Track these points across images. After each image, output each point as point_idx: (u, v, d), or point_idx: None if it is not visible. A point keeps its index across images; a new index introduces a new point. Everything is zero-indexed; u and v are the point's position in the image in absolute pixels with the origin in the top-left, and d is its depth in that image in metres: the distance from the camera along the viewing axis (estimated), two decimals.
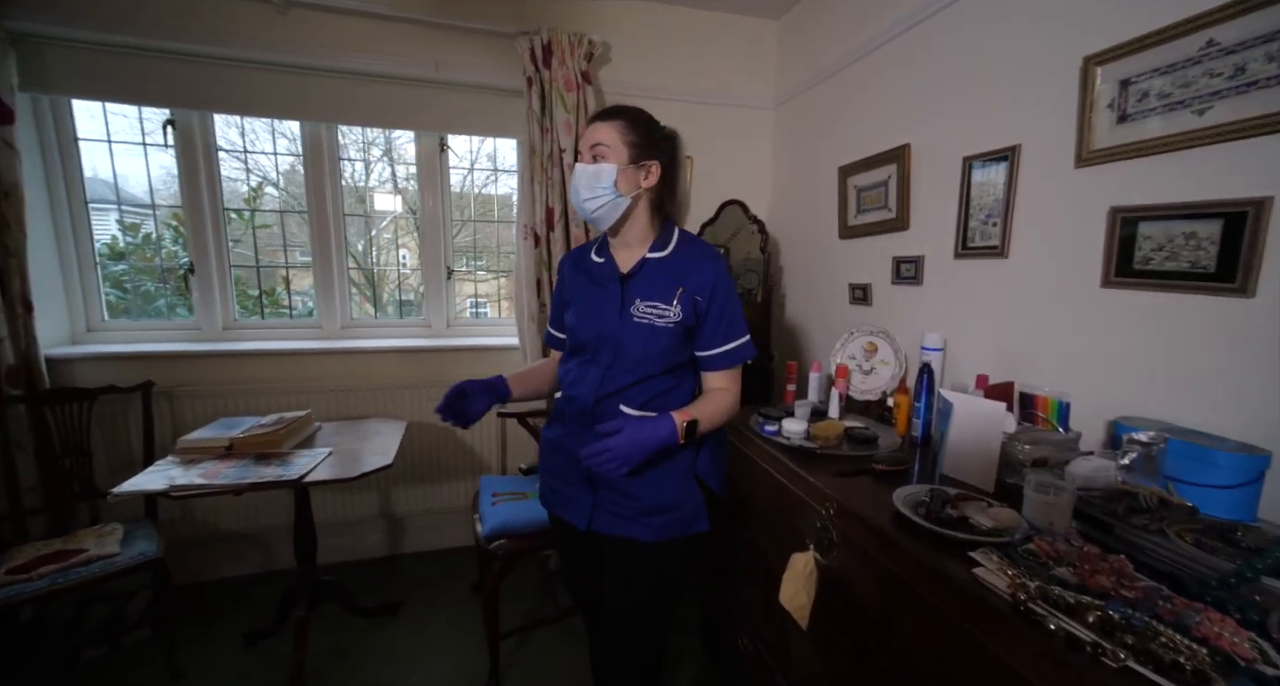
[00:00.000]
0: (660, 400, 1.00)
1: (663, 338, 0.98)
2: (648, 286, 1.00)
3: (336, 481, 1.36)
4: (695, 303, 0.98)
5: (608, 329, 1.00)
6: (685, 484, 1.03)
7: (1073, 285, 1.14)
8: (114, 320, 2.06)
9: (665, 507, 1.00)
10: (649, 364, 0.99)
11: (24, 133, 1.78)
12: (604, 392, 1.00)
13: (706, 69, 2.29)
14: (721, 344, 1.00)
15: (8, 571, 1.37)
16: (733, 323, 1.00)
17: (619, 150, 0.97)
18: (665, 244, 1.03)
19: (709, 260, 1.00)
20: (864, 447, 1.24)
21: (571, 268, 1.12)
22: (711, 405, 1.00)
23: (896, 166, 1.63)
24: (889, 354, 1.57)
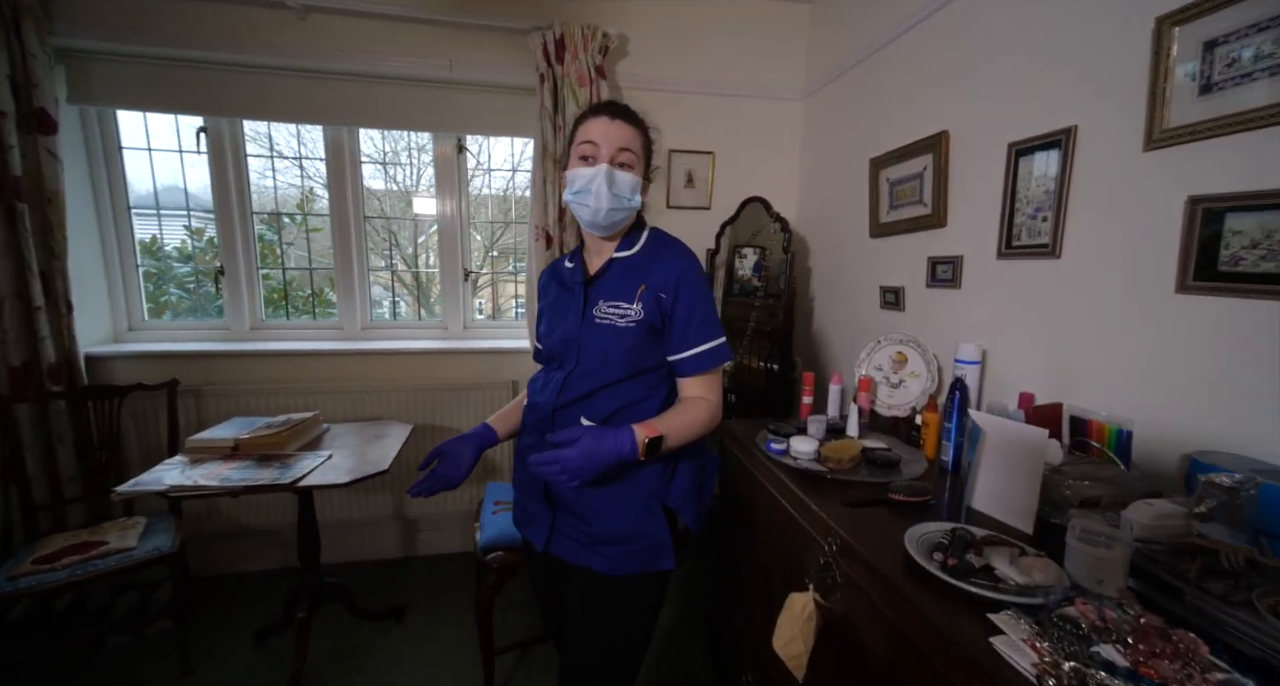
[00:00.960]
0: (628, 412, 0.91)
1: (624, 337, 0.90)
2: (611, 287, 0.93)
3: (329, 487, 1.34)
4: (659, 300, 0.91)
5: (571, 333, 0.94)
6: (648, 513, 0.93)
7: (1139, 290, 0.96)
8: (153, 320, 2.17)
9: (621, 538, 0.91)
10: (611, 367, 0.91)
11: (72, 142, 1.90)
12: (563, 401, 0.92)
13: (731, 60, 2.17)
14: (693, 345, 0.91)
15: (34, 561, 1.44)
16: (704, 322, 0.92)
17: (640, 161, 0.94)
18: (633, 242, 0.96)
19: (676, 257, 0.93)
20: (883, 473, 1.10)
21: (549, 277, 1.07)
22: (683, 417, 0.90)
23: (933, 156, 1.46)
24: (920, 365, 1.41)
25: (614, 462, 0.82)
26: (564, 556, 0.95)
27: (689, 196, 2.24)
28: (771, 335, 2.00)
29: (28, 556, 1.46)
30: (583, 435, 0.82)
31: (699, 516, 0.99)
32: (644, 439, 0.83)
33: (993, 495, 0.90)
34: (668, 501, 0.94)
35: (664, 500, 0.94)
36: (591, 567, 0.92)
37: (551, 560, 0.97)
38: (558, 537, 0.95)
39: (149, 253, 2.17)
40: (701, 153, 2.21)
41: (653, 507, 0.93)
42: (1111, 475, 0.84)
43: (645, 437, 0.84)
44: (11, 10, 1.63)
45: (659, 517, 0.93)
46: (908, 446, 1.26)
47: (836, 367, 1.98)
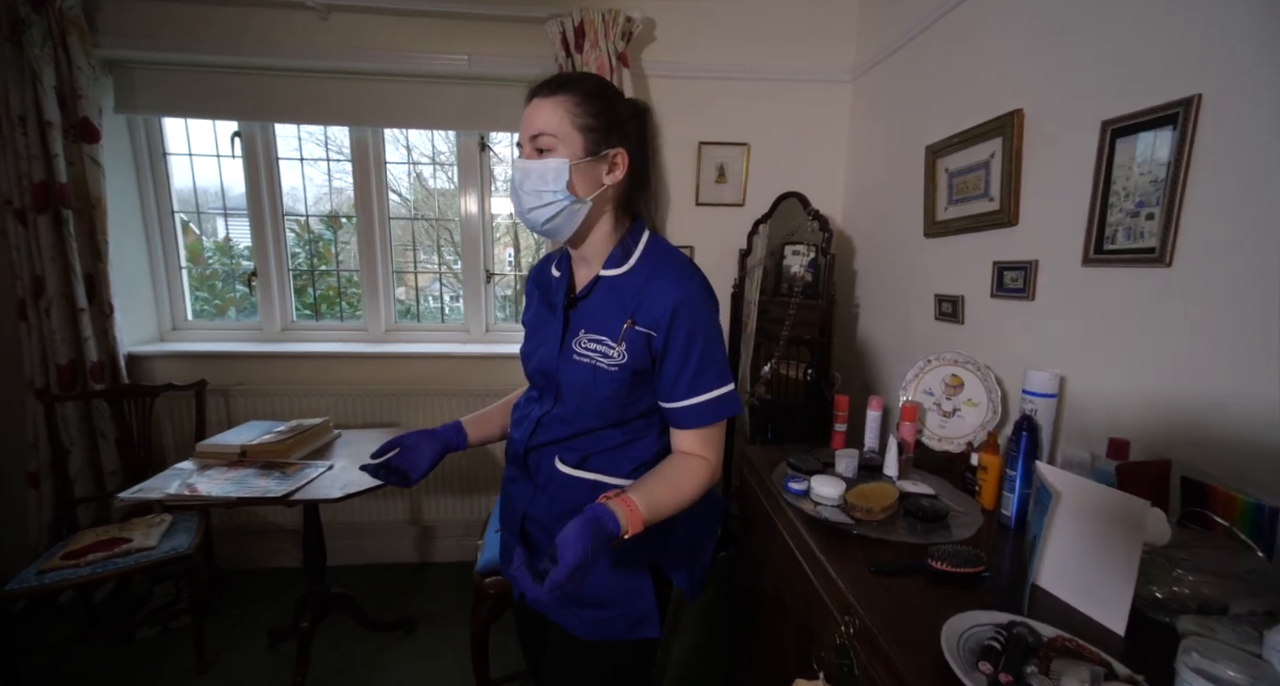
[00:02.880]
0: (603, 458, 0.78)
1: (604, 385, 0.74)
2: (596, 314, 0.77)
3: (320, 501, 1.30)
4: (647, 340, 0.73)
5: (547, 363, 0.79)
6: (629, 574, 0.79)
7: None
8: (196, 320, 2.25)
9: (598, 600, 0.78)
10: (587, 415, 0.77)
11: (119, 149, 1.98)
12: (536, 442, 0.80)
13: (770, 40, 1.96)
14: (688, 395, 0.74)
15: (62, 556, 1.49)
16: (705, 366, 0.73)
17: (570, 139, 0.71)
18: (625, 257, 0.78)
19: (672, 282, 0.73)
20: (924, 529, 0.90)
21: (534, 281, 0.91)
22: (671, 488, 0.71)
23: (1002, 140, 1.22)
24: (979, 392, 1.18)
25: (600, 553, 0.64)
26: (541, 609, 0.84)
27: (720, 192, 2.06)
28: (810, 344, 1.79)
29: (59, 551, 1.52)
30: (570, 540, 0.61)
31: (695, 578, 0.83)
32: (624, 536, 0.65)
33: (1068, 575, 0.70)
34: (656, 559, 0.80)
35: (651, 557, 0.80)
36: (566, 628, 0.80)
37: (528, 610, 0.86)
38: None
39: (195, 256, 2.26)
40: (735, 144, 2.02)
41: (637, 566, 0.79)
42: (1246, 569, 0.61)
43: (626, 534, 0.65)
44: (58, 24, 1.69)
45: (643, 579, 0.79)
46: (960, 493, 1.05)
47: (880, 388, 1.75)
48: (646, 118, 0.78)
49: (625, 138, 0.75)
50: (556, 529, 0.78)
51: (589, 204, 0.74)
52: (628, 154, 0.75)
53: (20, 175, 1.70)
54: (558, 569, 0.59)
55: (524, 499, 0.82)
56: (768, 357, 2.00)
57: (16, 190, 1.71)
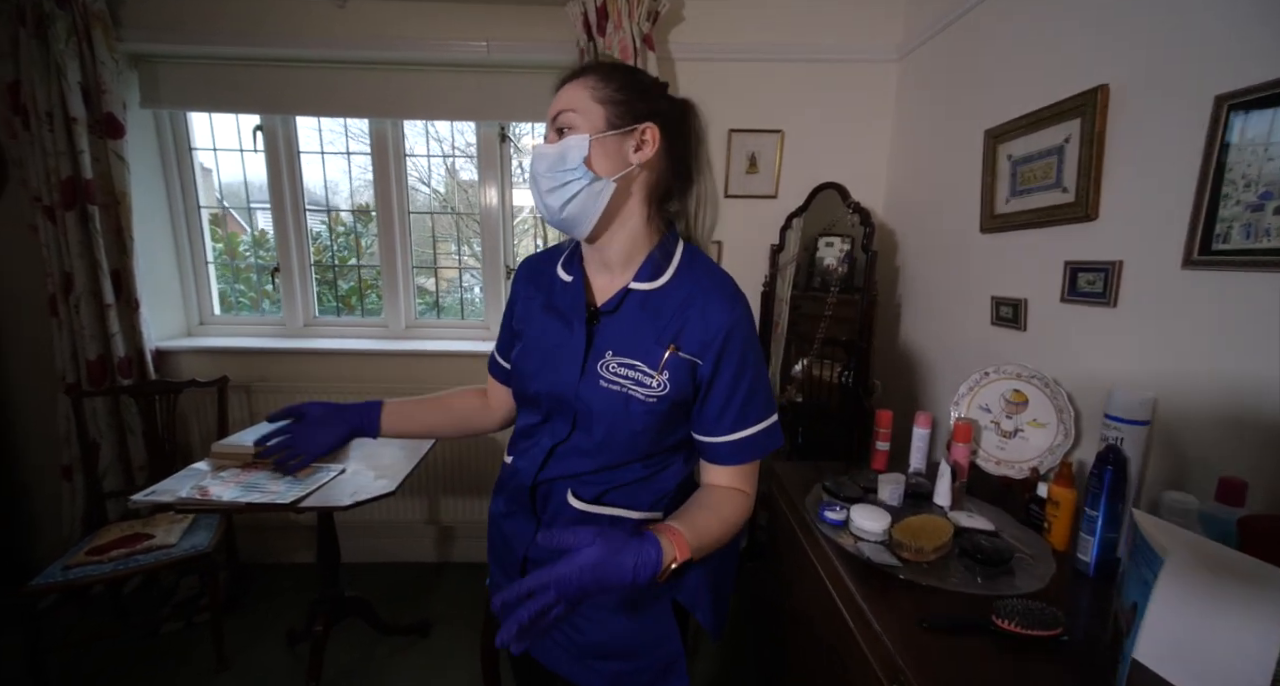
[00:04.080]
0: (622, 493, 0.68)
1: (638, 417, 0.64)
2: (626, 333, 0.66)
3: (328, 509, 1.26)
4: (692, 368, 0.64)
5: (564, 388, 0.67)
6: (656, 616, 0.69)
7: None
8: (222, 315, 2.26)
9: (619, 651, 0.69)
10: (615, 448, 0.67)
11: (145, 144, 1.98)
12: (549, 475, 0.70)
13: (808, 16, 1.81)
14: (735, 429, 0.66)
15: (87, 551, 1.50)
16: (752, 397, 0.66)
17: (590, 112, 0.62)
18: (660, 269, 0.67)
19: (721, 303, 0.64)
20: (985, 574, 0.78)
21: (527, 280, 0.78)
22: (719, 521, 0.64)
23: (1081, 122, 1.06)
24: (1047, 412, 1.04)
25: (622, 589, 0.54)
26: (545, 663, 0.74)
27: (751, 183, 1.93)
28: (847, 346, 1.66)
29: (84, 546, 1.54)
30: (595, 541, 0.53)
31: (720, 615, 0.74)
32: (670, 565, 0.56)
33: (1180, 654, 0.57)
34: (678, 598, 0.70)
35: (674, 595, 0.70)
36: (581, 684, 0.72)
37: (530, 663, 0.77)
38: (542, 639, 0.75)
39: (232, 249, 2.27)
40: (768, 132, 1.88)
41: (661, 609, 0.70)
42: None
43: (673, 561, 0.56)
44: (82, 19, 1.68)
45: (668, 622, 0.70)
46: (1023, 528, 0.91)
47: (927, 401, 1.60)
48: (685, 104, 0.70)
49: (656, 115, 0.65)
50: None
51: (612, 184, 0.63)
52: (659, 132, 0.65)
53: (48, 172, 1.71)
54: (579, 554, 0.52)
55: (525, 538, 0.73)
56: (798, 356, 1.88)
57: (45, 187, 1.72)
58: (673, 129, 0.67)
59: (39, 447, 2.00)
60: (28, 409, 2.01)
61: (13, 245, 1.86)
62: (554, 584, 0.51)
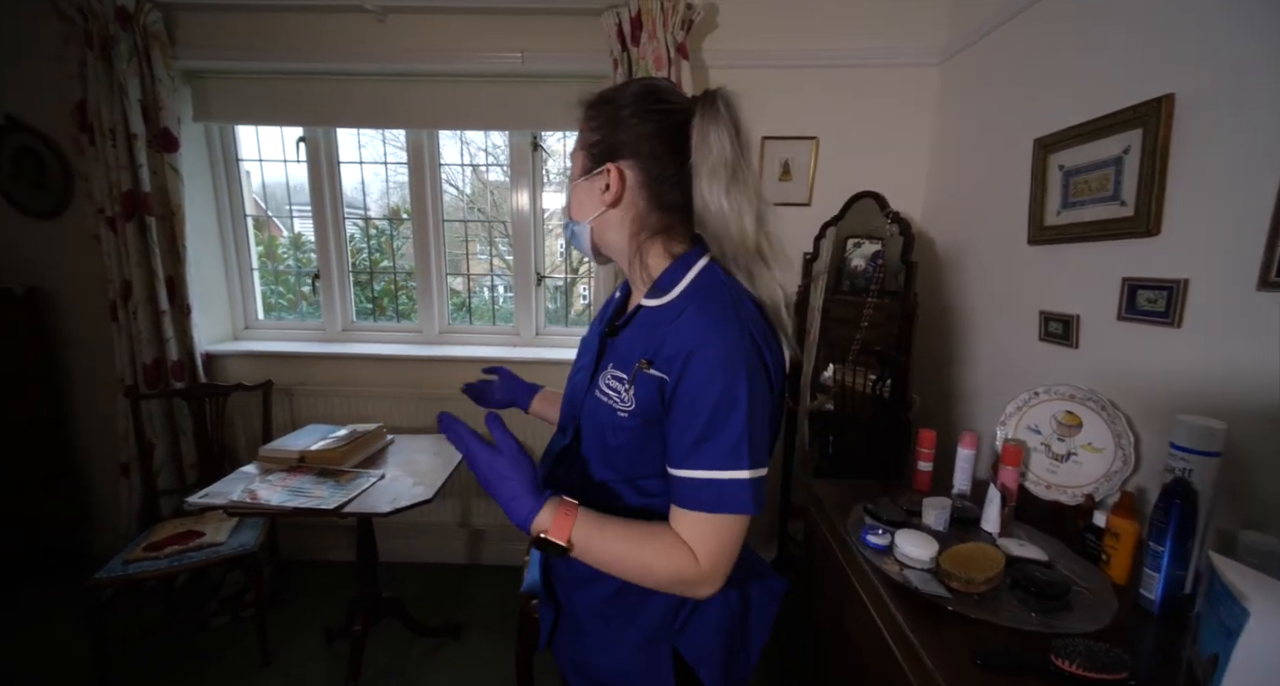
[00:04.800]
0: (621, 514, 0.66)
1: (616, 431, 0.62)
2: (626, 346, 0.66)
3: (369, 515, 1.29)
4: (659, 385, 0.59)
5: (576, 395, 0.71)
6: (649, 661, 0.66)
7: None
8: (265, 319, 2.35)
9: (604, 682, 0.69)
10: (595, 461, 0.66)
11: (197, 156, 2.07)
12: (554, 481, 0.72)
13: (845, 20, 1.78)
14: (681, 463, 0.58)
15: (144, 547, 1.58)
16: (710, 436, 0.56)
17: (577, 158, 0.69)
18: (669, 286, 0.64)
19: (698, 320, 0.58)
20: (1040, 607, 0.75)
21: (609, 299, 0.81)
22: (634, 546, 0.57)
23: (1143, 132, 1.01)
24: (1103, 436, 1.00)
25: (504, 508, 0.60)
26: (560, 668, 0.76)
27: (784, 191, 1.90)
28: (882, 356, 1.63)
29: (142, 542, 1.61)
30: (504, 454, 0.59)
31: (732, 676, 0.68)
32: (540, 532, 0.56)
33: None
34: (679, 647, 0.66)
35: (674, 643, 0.66)
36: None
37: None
38: (557, 643, 0.75)
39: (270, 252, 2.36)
40: (802, 138, 1.86)
41: (657, 654, 0.66)
42: None
43: (542, 532, 0.56)
44: (142, 40, 1.77)
45: (663, 669, 0.65)
46: (1079, 559, 0.88)
47: (967, 418, 1.56)
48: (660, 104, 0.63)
49: (628, 147, 0.62)
50: (573, 593, 0.71)
51: (586, 227, 0.68)
52: (626, 169, 0.63)
53: (111, 185, 1.81)
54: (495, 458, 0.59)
55: None
56: (826, 362, 1.85)
57: (108, 200, 1.82)
58: (664, 151, 0.62)
59: (100, 445, 2.12)
60: (91, 409, 2.12)
61: (79, 254, 1.97)
62: (469, 453, 0.60)
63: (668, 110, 0.63)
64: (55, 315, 2.07)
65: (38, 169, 1.96)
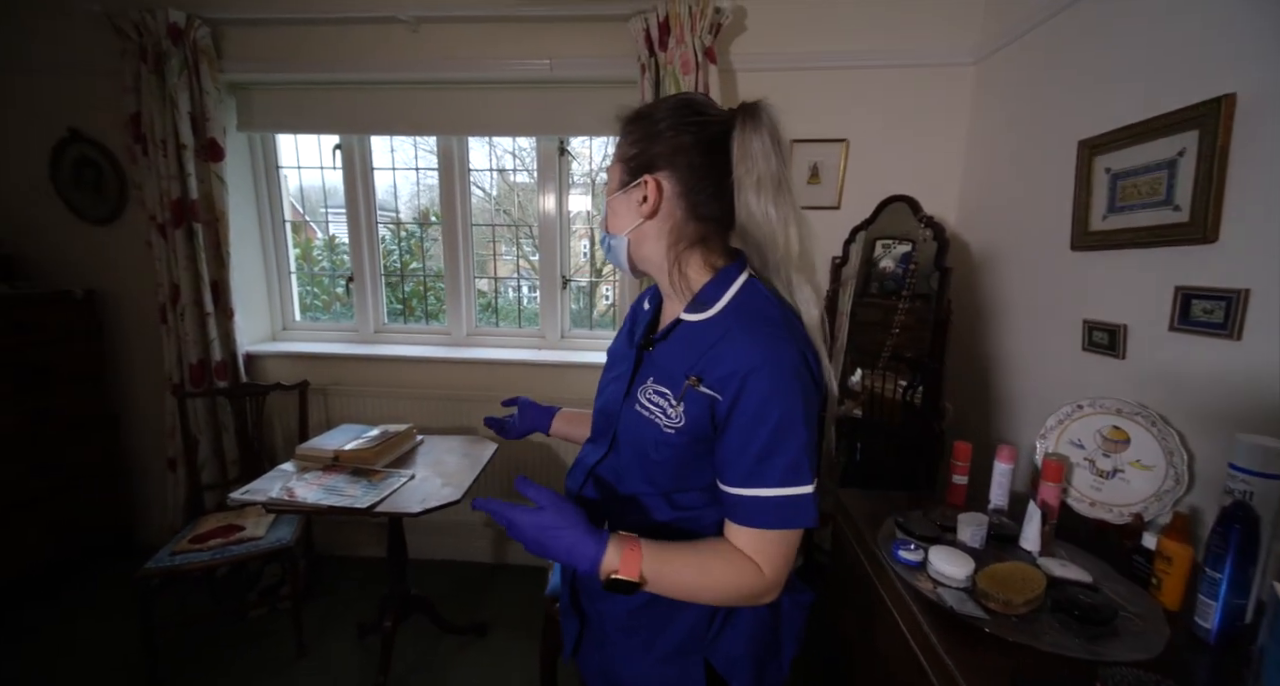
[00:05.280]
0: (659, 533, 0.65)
1: (660, 447, 0.63)
2: (667, 361, 0.66)
3: (400, 514, 1.32)
4: (711, 404, 0.59)
5: (611, 406, 0.71)
6: (681, 672, 0.66)
7: None
8: (302, 320, 2.43)
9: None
10: (635, 476, 0.66)
11: (240, 165, 2.15)
12: (587, 495, 0.72)
13: (877, 20, 1.74)
14: (743, 483, 0.58)
15: (190, 539, 1.65)
16: (771, 455, 0.57)
17: (613, 171, 0.69)
18: (710, 301, 0.64)
19: (753, 342, 0.58)
20: (1083, 632, 0.72)
21: (631, 311, 0.83)
22: (698, 570, 0.59)
23: (1200, 134, 0.96)
24: (1154, 453, 0.95)
25: (564, 562, 0.59)
26: (586, 679, 0.77)
27: (812, 194, 1.87)
28: (913, 364, 1.59)
29: (187, 534, 1.69)
30: (547, 507, 0.59)
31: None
32: (609, 574, 0.57)
33: None
34: (711, 659, 0.66)
35: (706, 656, 0.66)
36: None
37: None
38: (583, 653, 0.76)
39: (306, 254, 2.45)
40: (831, 141, 1.83)
41: (688, 666, 0.66)
42: None
43: (612, 573, 0.56)
44: (192, 54, 1.85)
45: (695, 680, 0.66)
46: (1126, 582, 0.84)
47: (1003, 429, 1.51)
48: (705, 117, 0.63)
49: (666, 159, 0.63)
50: (599, 604, 0.71)
51: (624, 239, 0.68)
52: (664, 180, 0.64)
53: (161, 193, 1.90)
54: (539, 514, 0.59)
55: None
56: (854, 367, 1.81)
57: (159, 207, 1.91)
58: (702, 162, 0.62)
59: (149, 441, 2.22)
60: (140, 406, 2.23)
61: (132, 259, 2.08)
62: (511, 523, 0.60)
63: (704, 122, 0.63)
64: (110, 316, 2.19)
65: (96, 178, 2.08)
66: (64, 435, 2.03)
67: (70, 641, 1.77)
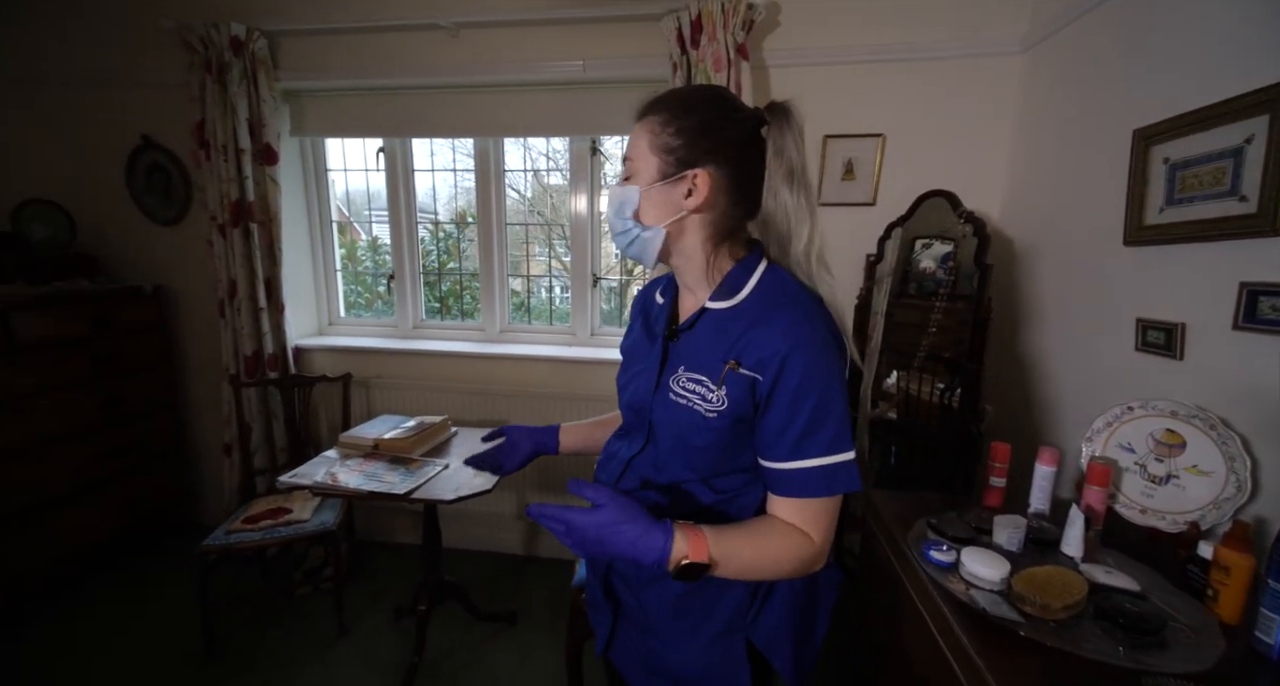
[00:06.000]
0: (701, 516, 0.67)
1: (702, 432, 0.65)
2: (698, 350, 0.68)
3: (434, 501, 1.37)
4: (751, 384, 0.62)
5: (641, 400, 0.72)
6: (725, 652, 0.69)
7: None
8: (346, 316, 2.55)
9: (686, 678, 0.69)
10: (677, 464, 0.68)
11: (292, 168, 2.27)
12: (624, 486, 0.73)
13: (916, 11, 1.69)
14: (789, 457, 0.62)
15: (243, 519, 1.76)
16: (815, 427, 0.60)
17: (647, 162, 0.66)
18: (735, 288, 0.67)
19: (788, 322, 0.62)
20: (1129, 642, 0.69)
21: (639, 305, 0.85)
22: (755, 548, 0.61)
23: (1269, 119, 0.90)
24: (1212, 458, 0.89)
25: (629, 560, 0.59)
26: (623, 672, 0.78)
27: (846, 190, 1.84)
28: (951, 365, 1.54)
29: (241, 515, 1.80)
30: (607, 504, 0.60)
31: (801, 663, 0.71)
32: (681, 559, 0.58)
33: None
34: (753, 637, 0.69)
35: (748, 634, 0.69)
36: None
37: (612, 664, 0.81)
38: (618, 645, 0.77)
39: (351, 254, 2.57)
40: (867, 136, 1.79)
41: (732, 645, 0.69)
42: None
43: (684, 557, 0.58)
44: (250, 64, 1.97)
45: (739, 660, 0.69)
46: (1179, 593, 0.80)
47: (1048, 429, 1.44)
48: (761, 122, 0.66)
49: (713, 154, 0.65)
50: (643, 592, 0.72)
51: (662, 231, 0.67)
52: (713, 174, 0.65)
53: (221, 195, 2.03)
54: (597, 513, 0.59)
55: None
56: (890, 369, 1.76)
57: (219, 208, 2.04)
58: (742, 156, 0.66)
59: (208, 428, 2.38)
60: (200, 395, 2.39)
61: (194, 258, 2.23)
62: (569, 527, 0.60)
63: (743, 118, 0.66)
64: (174, 311, 2.35)
65: (165, 182, 2.24)
66: (134, 420, 2.19)
67: (135, 611, 1.91)
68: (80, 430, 2.00)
